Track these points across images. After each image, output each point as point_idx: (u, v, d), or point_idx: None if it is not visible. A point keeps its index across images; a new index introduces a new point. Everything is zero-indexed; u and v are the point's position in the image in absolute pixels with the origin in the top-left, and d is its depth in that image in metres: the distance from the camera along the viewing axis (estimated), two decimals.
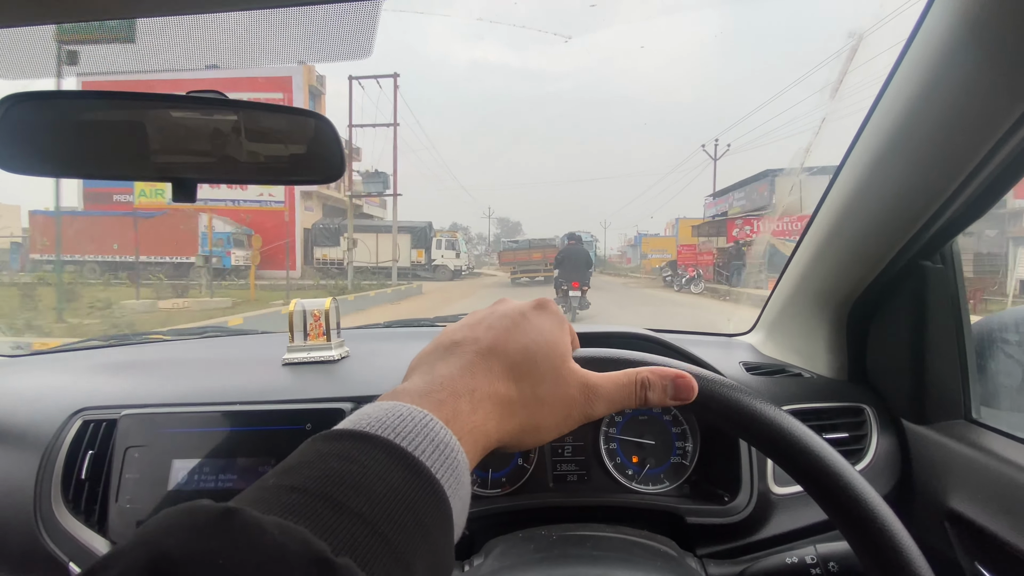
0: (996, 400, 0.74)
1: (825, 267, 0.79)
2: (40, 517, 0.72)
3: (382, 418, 0.26)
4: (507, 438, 0.33)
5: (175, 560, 0.17)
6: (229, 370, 0.91)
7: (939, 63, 0.51)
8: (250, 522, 0.19)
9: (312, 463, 0.24)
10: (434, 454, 0.26)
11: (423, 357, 0.35)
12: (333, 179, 0.59)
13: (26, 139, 0.53)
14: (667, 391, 0.36)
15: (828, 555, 0.51)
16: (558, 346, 0.35)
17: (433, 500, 0.25)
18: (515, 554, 0.53)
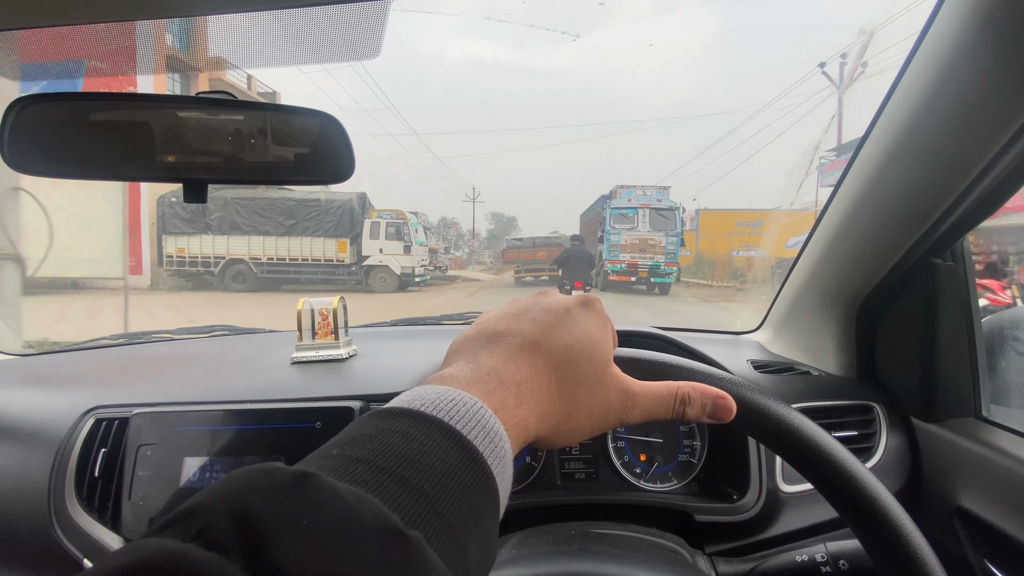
0: (1007, 398, 0.74)
1: (834, 264, 0.79)
2: (54, 514, 0.73)
3: (436, 401, 0.26)
4: (544, 435, 0.32)
5: (257, 516, 0.17)
6: (239, 369, 0.92)
7: (950, 59, 0.51)
8: (327, 487, 0.19)
9: (373, 437, 0.24)
10: (485, 440, 0.26)
11: (465, 343, 0.34)
12: (342, 179, 0.59)
13: (38, 140, 0.54)
14: (705, 409, 0.35)
15: (838, 553, 0.51)
16: (601, 348, 0.35)
17: (485, 486, 0.25)
18: (534, 544, 0.53)
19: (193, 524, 0.17)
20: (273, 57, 0.59)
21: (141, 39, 0.55)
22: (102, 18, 0.52)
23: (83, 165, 0.55)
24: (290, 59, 0.59)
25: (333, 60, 0.60)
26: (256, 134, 0.59)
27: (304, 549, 0.17)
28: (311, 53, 0.59)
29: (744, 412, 0.37)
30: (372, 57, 0.60)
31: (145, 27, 0.53)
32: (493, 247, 52.83)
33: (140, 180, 0.55)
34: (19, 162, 0.53)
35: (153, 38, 0.56)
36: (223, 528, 0.17)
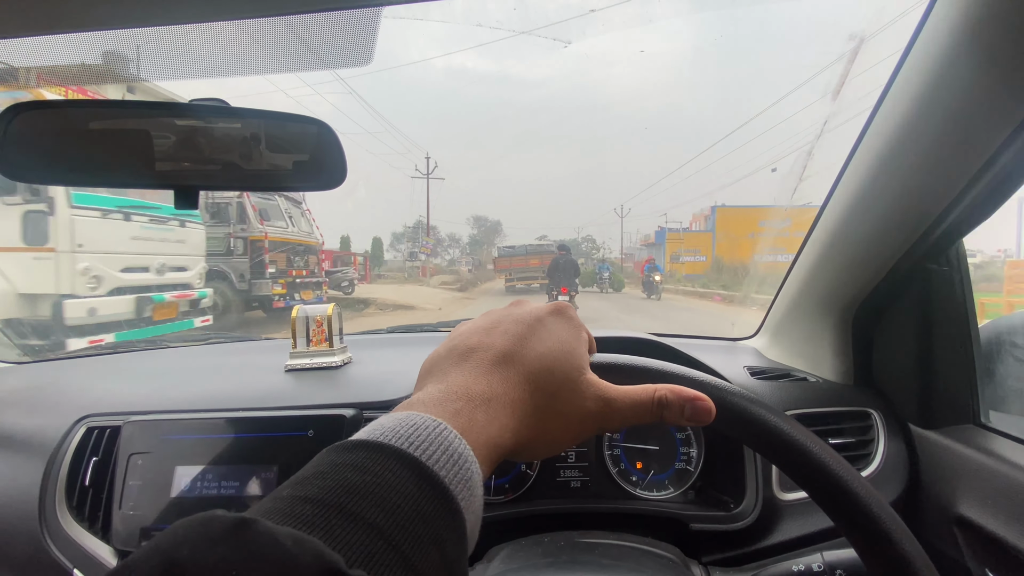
0: (1005, 404, 0.73)
1: (830, 270, 0.78)
2: (45, 523, 0.72)
3: (396, 428, 0.26)
4: (520, 449, 0.32)
5: (188, 569, 0.17)
6: (232, 376, 0.91)
7: (942, 65, 0.51)
8: (263, 532, 0.19)
9: (326, 474, 0.23)
10: (448, 464, 0.25)
11: (436, 361, 0.34)
12: (334, 185, 0.59)
13: (31, 147, 0.54)
14: (684, 412, 0.35)
15: (835, 563, 0.50)
16: (575, 356, 0.34)
17: (447, 513, 0.24)
18: (522, 557, 0.52)
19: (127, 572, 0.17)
20: (263, 65, 0.59)
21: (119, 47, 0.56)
22: (95, 27, 0.53)
23: (74, 171, 0.55)
24: (281, 67, 0.59)
25: (323, 67, 0.60)
26: (248, 141, 0.59)
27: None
28: (302, 60, 0.59)
29: (724, 414, 0.36)
30: (364, 64, 0.60)
31: (120, 36, 0.54)
32: (476, 253, 49.47)
33: (130, 187, 0.55)
34: (11, 169, 0.53)
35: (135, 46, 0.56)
36: None
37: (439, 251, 50.37)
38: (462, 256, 46.41)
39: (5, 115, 0.52)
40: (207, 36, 0.62)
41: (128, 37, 0.61)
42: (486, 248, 50.81)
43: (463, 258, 45.62)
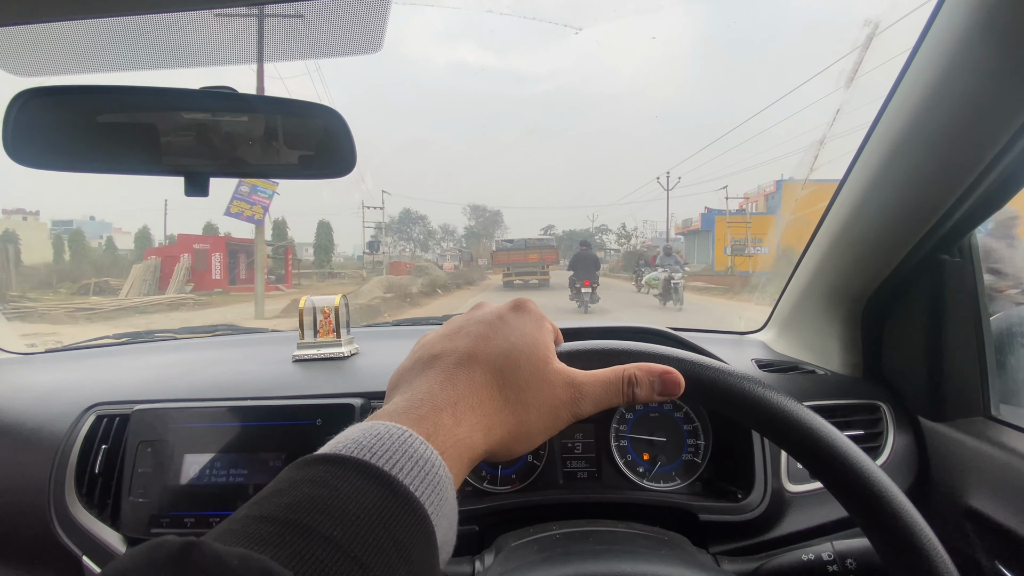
0: (1017, 396, 0.73)
1: (839, 262, 0.78)
2: (54, 510, 0.73)
3: (359, 439, 0.26)
4: (495, 447, 0.32)
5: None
6: (240, 366, 0.92)
7: (956, 52, 0.50)
8: (209, 555, 0.19)
9: (283, 491, 0.23)
10: (413, 471, 0.25)
11: (402, 374, 0.34)
12: (344, 173, 0.59)
13: (40, 134, 0.54)
14: (654, 387, 0.35)
15: (846, 552, 0.50)
16: (539, 347, 0.35)
17: (412, 518, 0.24)
18: (519, 556, 0.52)
19: None
20: (274, 52, 0.59)
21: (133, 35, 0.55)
22: (102, 12, 0.52)
23: (84, 158, 0.55)
24: (291, 54, 0.59)
25: (334, 55, 0.60)
26: (258, 128, 0.59)
27: None
28: (312, 48, 0.58)
29: (694, 385, 0.36)
30: (374, 51, 0.60)
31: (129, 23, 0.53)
32: (474, 246, 43.67)
33: (141, 173, 0.55)
34: (22, 155, 0.53)
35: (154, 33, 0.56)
36: None
37: (430, 244, 44.84)
38: (447, 251, 39.32)
39: (14, 102, 0.52)
40: (215, 25, 0.62)
41: (137, 24, 0.61)
42: (484, 241, 45.43)
43: (448, 252, 38.70)
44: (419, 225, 47.18)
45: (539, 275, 19.51)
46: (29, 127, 0.53)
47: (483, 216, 49.86)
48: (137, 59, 0.60)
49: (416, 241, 45.85)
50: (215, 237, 21.11)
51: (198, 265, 19.14)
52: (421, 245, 45.52)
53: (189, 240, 20.57)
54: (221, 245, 19.90)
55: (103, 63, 0.66)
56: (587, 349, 0.39)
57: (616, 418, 0.80)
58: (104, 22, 0.59)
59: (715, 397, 0.38)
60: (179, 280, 17.90)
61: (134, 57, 0.60)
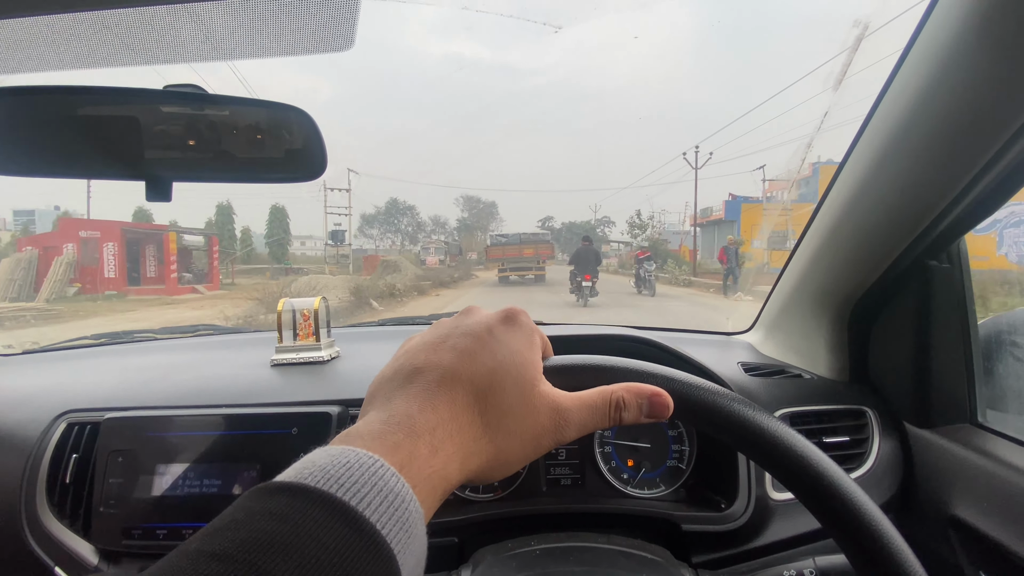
0: (1003, 403, 0.72)
1: (827, 265, 0.77)
2: (25, 519, 0.71)
3: (326, 467, 0.24)
4: (472, 476, 0.30)
5: None
6: (217, 371, 0.90)
7: (947, 57, 0.49)
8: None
9: (240, 524, 0.22)
10: (381, 506, 0.24)
11: (381, 384, 0.32)
12: (313, 176, 0.57)
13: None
14: (642, 409, 0.34)
15: (827, 568, 0.49)
16: (527, 367, 0.33)
17: (376, 560, 0.22)
18: (497, 573, 0.51)
19: None
20: (239, 49, 0.56)
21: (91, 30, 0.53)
22: (67, 8, 0.50)
23: (38, 162, 0.52)
24: (257, 52, 0.57)
25: (303, 53, 0.57)
26: (224, 129, 0.56)
27: None
28: (280, 45, 0.56)
29: (683, 406, 0.35)
30: (345, 49, 0.57)
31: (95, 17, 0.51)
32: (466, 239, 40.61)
33: (97, 178, 0.53)
34: None
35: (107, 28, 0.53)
36: None
37: (420, 237, 40.92)
38: (429, 243, 33.58)
39: None
40: (181, 18, 0.59)
41: (95, 19, 0.58)
42: (478, 235, 42.55)
43: (431, 243, 32.50)
44: (407, 216, 43.40)
45: (534, 270, 19.19)
46: None
47: (477, 207, 46.31)
48: (94, 56, 0.57)
49: (404, 233, 42.41)
50: (108, 222, 15.56)
51: (85, 259, 14.51)
52: (410, 237, 42.34)
53: (74, 226, 15.42)
54: (115, 233, 14.74)
55: (58, 60, 0.62)
56: (575, 365, 0.37)
57: None
58: (60, 17, 0.56)
59: (704, 419, 0.36)
60: (57, 280, 13.60)
61: (92, 54, 0.57)
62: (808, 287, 0.83)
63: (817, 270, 0.79)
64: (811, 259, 0.79)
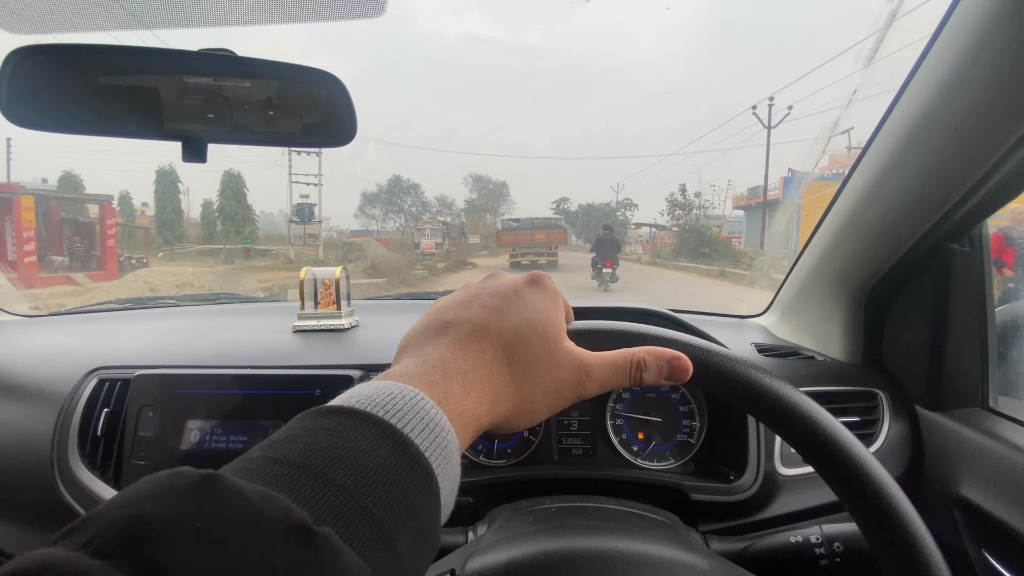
0: (1016, 389, 0.72)
1: (847, 247, 0.77)
2: (57, 470, 0.74)
3: (372, 396, 0.26)
4: (499, 420, 0.32)
5: (150, 522, 0.17)
6: (241, 335, 0.92)
7: (977, 39, 0.48)
8: (230, 489, 0.19)
9: (298, 437, 0.23)
10: (423, 433, 0.25)
11: (413, 337, 0.34)
12: (343, 142, 0.58)
13: (35, 94, 0.53)
14: (662, 371, 0.36)
15: (834, 535, 0.51)
16: (552, 325, 0.34)
17: (420, 479, 0.24)
18: (513, 526, 0.53)
19: (86, 532, 0.17)
20: (273, 14, 0.57)
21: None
22: None
23: (78, 120, 0.54)
24: (289, 17, 0.57)
25: (335, 18, 0.58)
26: (257, 94, 0.58)
27: (194, 550, 0.17)
28: (312, 11, 0.57)
29: (702, 371, 0.37)
30: (377, 15, 0.57)
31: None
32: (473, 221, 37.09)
33: (137, 137, 0.54)
34: (16, 114, 0.52)
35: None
36: (112, 535, 0.17)
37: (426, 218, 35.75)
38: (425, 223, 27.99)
39: (7, 61, 0.51)
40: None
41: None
42: (488, 217, 39.59)
43: (427, 224, 26.94)
44: (411, 195, 39.44)
45: (547, 256, 18.90)
46: (23, 86, 0.52)
47: (486, 188, 42.67)
48: (134, 18, 0.58)
49: (408, 214, 39.36)
50: None
51: None
52: (414, 218, 39.82)
53: None
54: None
55: (99, 21, 0.64)
56: (598, 329, 0.39)
57: (613, 397, 0.80)
58: None
59: (721, 384, 0.38)
60: None
61: (130, 16, 0.58)
62: (827, 270, 0.83)
63: (837, 253, 0.79)
64: (831, 242, 0.79)
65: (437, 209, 40.61)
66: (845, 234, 0.76)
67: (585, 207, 39.25)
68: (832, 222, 0.77)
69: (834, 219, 0.77)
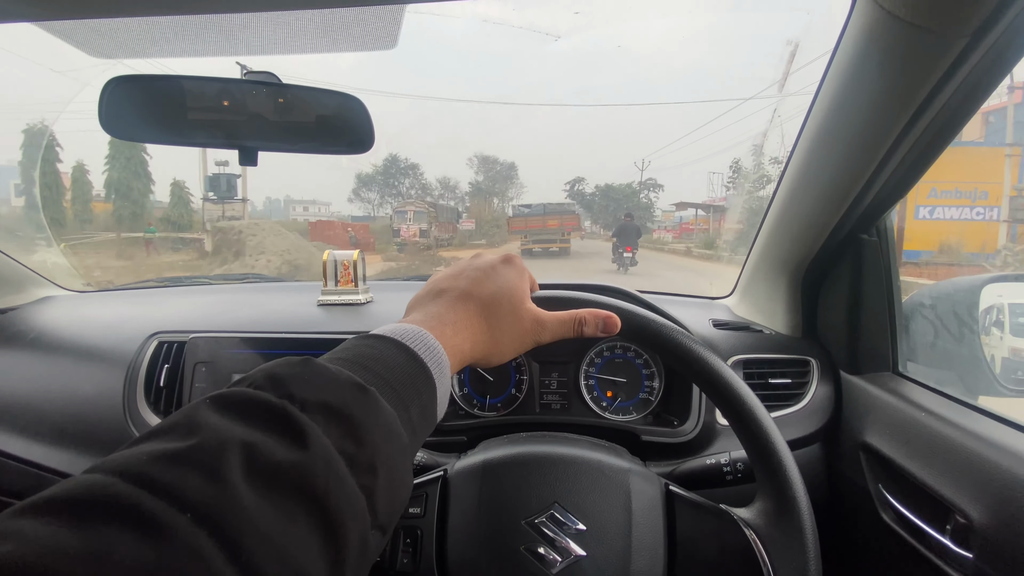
0: (918, 356, 0.87)
1: (783, 235, 0.91)
2: (128, 414, 0.91)
3: (395, 330, 0.41)
4: (478, 356, 0.47)
5: (281, 375, 0.32)
6: (273, 307, 1.08)
7: (854, 70, 0.63)
8: (319, 363, 0.34)
9: (348, 349, 0.38)
10: (426, 353, 0.40)
11: (418, 299, 0.48)
12: (363, 150, 0.73)
13: (124, 112, 0.68)
14: (598, 326, 0.51)
15: (737, 459, 0.66)
16: (517, 291, 0.49)
17: (423, 376, 0.38)
18: (493, 446, 0.69)
19: (246, 380, 0.32)
20: (289, 46, 0.71)
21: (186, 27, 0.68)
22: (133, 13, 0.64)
23: (161, 132, 0.69)
24: (306, 49, 0.71)
25: (353, 49, 0.72)
26: (295, 110, 0.72)
27: (306, 388, 0.31)
28: (327, 43, 0.71)
29: (628, 326, 0.52)
30: (389, 48, 0.72)
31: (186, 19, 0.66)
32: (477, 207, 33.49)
33: (206, 146, 0.70)
34: (113, 128, 0.67)
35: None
36: (262, 380, 0.31)
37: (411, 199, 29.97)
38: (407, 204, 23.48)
39: (106, 86, 0.66)
40: (245, 20, 0.74)
41: (185, 20, 0.73)
42: (495, 202, 35.83)
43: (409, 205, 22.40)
44: (409, 177, 35.09)
45: (559, 243, 18.61)
46: (118, 106, 0.67)
47: (493, 170, 38.09)
48: (187, 48, 0.73)
49: (406, 197, 35.26)
50: None
51: None
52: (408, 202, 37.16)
53: None
54: None
55: (159, 50, 0.79)
56: (553, 296, 0.54)
57: (587, 362, 0.95)
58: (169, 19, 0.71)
59: (642, 337, 0.53)
60: None
61: (184, 46, 0.73)
62: (770, 255, 0.97)
63: (776, 240, 0.94)
64: (772, 230, 0.94)
65: (439, 193, 36.37)
66: (781, 224, 0.90)
67: (603, 188, 35.94)
68: (773, 213, 0.91)
69: (774, 211, 0.91)
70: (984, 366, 0.88)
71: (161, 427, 0.27)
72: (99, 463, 0.24)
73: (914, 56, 0.54)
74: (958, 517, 0.61)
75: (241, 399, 0.29)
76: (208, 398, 0.29)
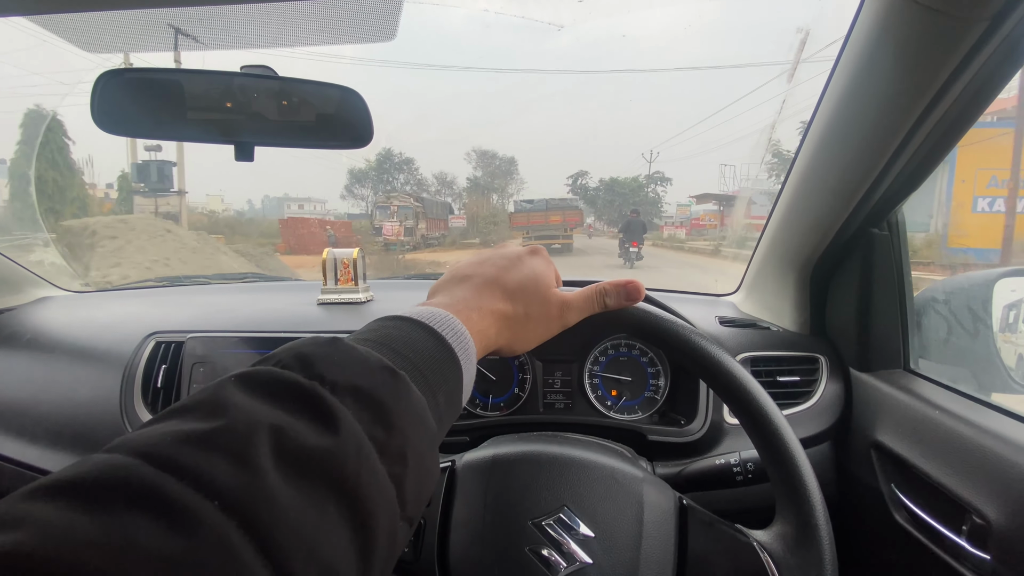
0: (930, 353, 0.85)
1: (791, 232, 0.89)
2: (125, 415, 0.90)
3: (422, 313, 0.39)
4: (503, 343, 0.45)
5: (310, 355, 0.30)
6: (273, 306, 1.07)
7: (866, 64, 0.61)
8: (349, 344, 0.32)
9: (374, 331, 0.36)
10: (453, 337, 0.38)
11: (442, 284, 0.47)
12: (362, 144, 0.71)
13: (117, 107, 0.67)
14: (621, 295, 0.50)
15: (747, 459, 0.64)
16: (545, 277, 0.48)
17: (451, 362, 0.37)
18: (504, 442, 0.67)
19: (273, 359, 0.30)
20: (289, 37, 0.70)
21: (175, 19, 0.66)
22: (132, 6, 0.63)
23: (153, 127, 0.67)
24: (305, 40, 0.70)
25: (352, 41, 0.70)
26: (292, 104, 0.71)
27: (336, 370, 0.30)
28: (326, 35, 0.69)
29: (637, 323, 0.51)
30: (388, 39, 0.70)
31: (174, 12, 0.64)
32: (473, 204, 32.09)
33: (200, 141, 0.68)
34: (105, 123, 0.66)
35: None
36: (290, 359, 0.30)
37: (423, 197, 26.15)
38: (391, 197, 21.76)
39: (98, 80, 0.65)
40: (249, 13, 0.73)
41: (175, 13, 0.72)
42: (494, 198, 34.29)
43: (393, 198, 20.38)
44: (404, 172, 33.85)
45: (561, 239, 18.29)
46: (110, 101, 0.65)
47: (492, 164, 36.55)
48: (184, 41, 0.72)
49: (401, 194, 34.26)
50: None
51: None
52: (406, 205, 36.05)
53: None
54: None
55: (149, 44, 0.77)
56: None
57: (591, 360, 0.93)
58: (167, 11, 0.70)
59: (651, 334, 0.52)
60: None
61: (181, 39, 0.71)
62: (777, 252, 0.96)
63: (784, 236, 0.92)
64: (779, 227, 0.92)
65: (436, 189, 34.94)
66: (789, 220, 0.88)
67: (607, 182, 34.73)
68: (780, 210, 0.90)
69: (781, 207, 0.89)
70: (998, 362, 0.86)
71: (184, 404, 0.26)
72: (118, 442, 0.23)
73: (931, 41, 0.52)
74: (974, 517, 0.59)
75: (269, 378, 0.28)
76: (233, 376, 0.28)
